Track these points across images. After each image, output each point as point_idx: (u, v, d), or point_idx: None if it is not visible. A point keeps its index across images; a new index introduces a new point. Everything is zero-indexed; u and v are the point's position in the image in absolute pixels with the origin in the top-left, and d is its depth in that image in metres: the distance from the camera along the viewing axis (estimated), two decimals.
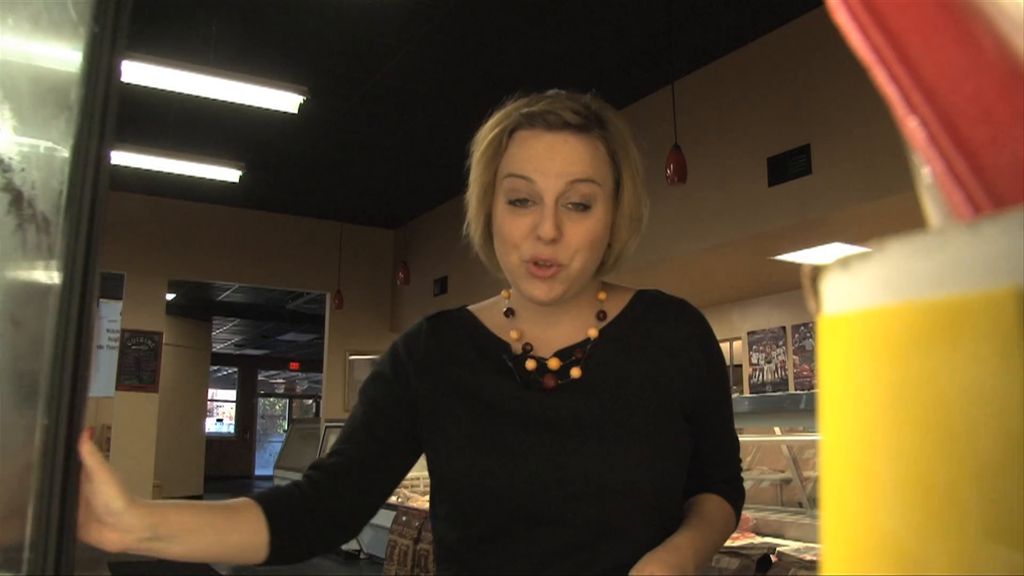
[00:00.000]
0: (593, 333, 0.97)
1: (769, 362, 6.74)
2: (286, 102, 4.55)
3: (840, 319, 0.16)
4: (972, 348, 0.14)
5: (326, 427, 7.04)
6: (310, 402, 20.81)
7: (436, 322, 1.04)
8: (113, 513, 0.76)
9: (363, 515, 0.97)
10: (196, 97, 4.59)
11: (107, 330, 7.74)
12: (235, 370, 17.48)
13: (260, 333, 14.40)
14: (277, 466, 8.50)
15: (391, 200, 7.77)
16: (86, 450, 0.76)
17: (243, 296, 11.03)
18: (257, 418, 18.28)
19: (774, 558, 2.32)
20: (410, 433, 0.98)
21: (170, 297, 9.06)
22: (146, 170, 5.64)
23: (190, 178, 5.98)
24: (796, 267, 5.00)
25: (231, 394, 18.31)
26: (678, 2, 4.23)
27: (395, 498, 4.44)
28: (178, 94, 4.61)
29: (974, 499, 0.14)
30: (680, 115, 4.51)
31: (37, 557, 0.69)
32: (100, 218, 0.76)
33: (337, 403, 8.49)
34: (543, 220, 0.89)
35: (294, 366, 17.88)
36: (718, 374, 0.99)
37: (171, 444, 10.00)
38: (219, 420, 19.29)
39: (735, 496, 1.03)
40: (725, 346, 7.16)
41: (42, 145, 0.69)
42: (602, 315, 1.00)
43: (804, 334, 6.30)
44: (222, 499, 0.90)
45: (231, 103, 4.57)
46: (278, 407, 21.81)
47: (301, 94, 4.48)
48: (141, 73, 4.12)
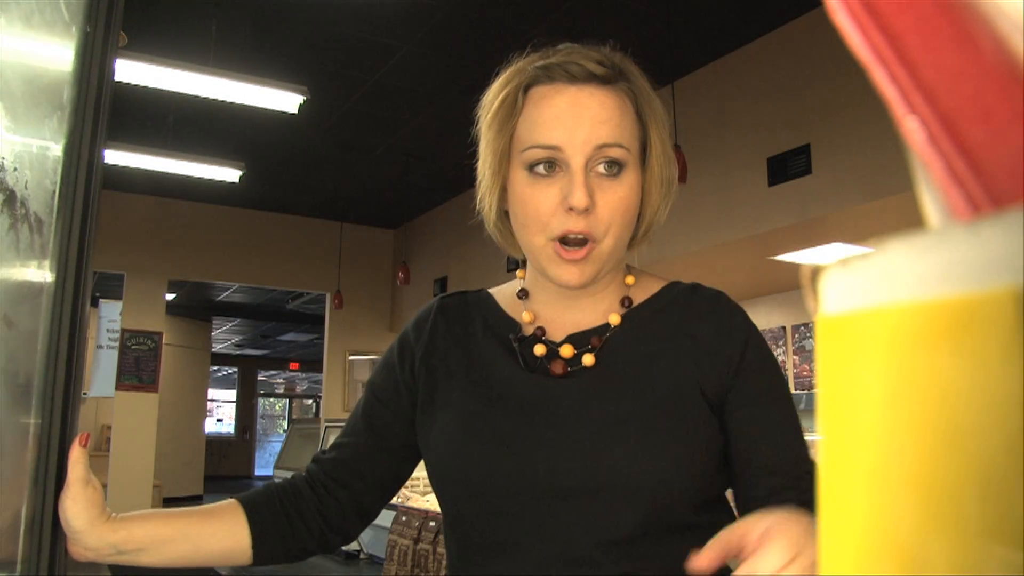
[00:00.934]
0: (615, 319, 0.86)
1: None
2: (286, 102, 4.55)
3: (840, 319, 0.16)
4: (972, 348, 0.14)
5: (326, 427, 7.03)
6: (310, 402, 20.80)
7: (448, 301, 0.95)
8: (73, 531, 0.76)
9: (358, 518, 0.93)
10: (196, 97, 4.59)
11: (107, 330, 7.73)
12: (235, 370, 17.47)
13: (260, 333, 14.39)
14: (277, 466, 8.48)
15: (391, 200, 7.76)
16: (73, 457, 0.76)
17: (243, 296, 11.03)
18: (257, 418, 18.27)
19: None
20: (409, 426, 0.91)
21: (170, 297, 9.06)
22: (146, 170, 5.63)
23: (190, 178, 5.97)
24: (796, 267, 5.00)
25: (231, 394, 18.30)
26: (678, 2, 4.23)
27: (395, 498, 4.43)
28: (178, 94, 4.60)
29: (974, 499, 0.14)
30: (680, 115, 4.51)
31: (31, 556, 0.69)
32: (93, 218, 0.76)
33: (337, 403, 8.48)
34: (573, 188, 0.78)
35: (294, 366, 17.87)
36: (757, 366, 0.83)
37: (171, 444, 9.99)
38: (219, 420, 19.28)
39: (810, 502, 0.74)
40: None
41: (35, 145, 0.69)
42: (627, 301, 0.88)
43: (804, 334, 6.30)
44: (221, 499, 0.89)
45: (231, 103, 4.56)
46: (278, 407, 21.80)
47: (301, 94, 4.48)
48: (141, 73, 4.11)
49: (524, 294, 0.91)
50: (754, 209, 4.52)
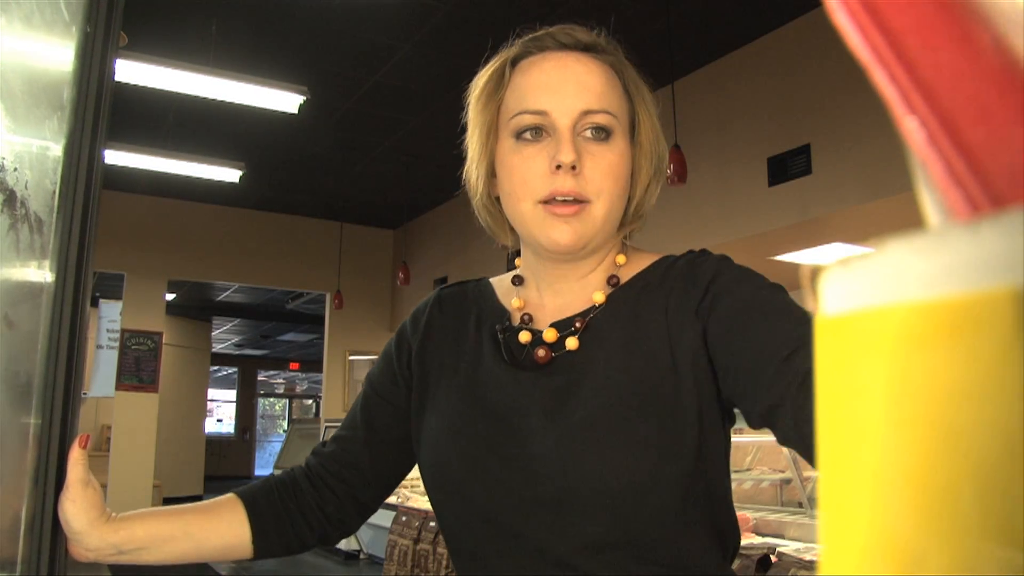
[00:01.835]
0: (599, 298, 0.81)
1: None
2: (286, 102, 4.55)
3: (839, 319, 0.16)
4: (972, 348, 0.14)
5: (326, 427, 7.04)
6: (310, 402, 20.80)
7: (446, 293, 0.94)
8: (73, 533, 0.76)
9: (357, 513, 0.92)
10: (196, 97, 4.59)
11: (107, 330, 7.73)
12: (235, 370, 17.48)
13: (260, 333, 14.39)
14: (277, 466, 8.49)
15: (391, 200, 7.76)
16: (73, 457, 0.76)
17: (243, 296, 11.03)
18: (257, 418, 18.28)
19: (774, 558, 2.32)
20: (407, 420, 0.89)
21: (170, 297, 9.06)
22: (146, 170, 5.64)
23: (190, 178, 5.98)
24: (796, 267, 5.00)
25: (231, 394, 18.31)
26: (678, 2, 4.23)
27: (395, 498, 4.44)
28: (178, 94, 4.60)
29: (974, 499, 0.14)
30: (680, 115, 4.51)
31: (31, 557, 0.69)
32: (93, 218, 0.76)
33: (337, 403, 8.49)
34: (560, 145, 0.76)
35: (294, 366, 17.88)
36: (726, 289, 0.74)
37: (171, 444, 9.99)
38: (219, 420, 19.29)
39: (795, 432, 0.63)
40: None
41: (35, 145, 0.69)
42: (614, 280, 0.83)
43: None
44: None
45: (231, 103, 4.56)
46: (278, 407, 21.81)
47: (301, 94, 4.48)
48: (141, 73, 4.12)
49: (519, 280, 0.89)
50: (754, 209, 4.52)
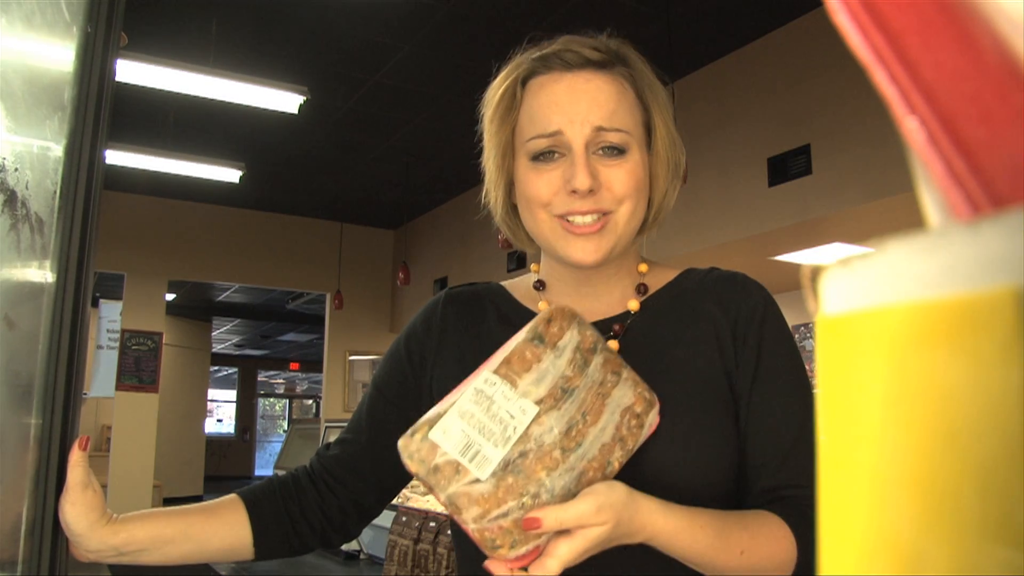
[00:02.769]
0: (634, 306, 0.85)
1: None
2: (286, 102, 4.55)
3: (839, 319, 0.16)
4: (972, 348, 0.14)
5: (326, 427, 7.04)
6: (310, 402, 20.80)
7: (457, 292, 0.94)
8: (73, 535, 0.76)
9: (359, 517, 0.92)
10: (196, 97, 4.59)
11: (107, 330, 7.73)
12: (235, 370, 17.48)
13: (260, 333, 14.39)
14: (277, 466, 8.48)
15: (391, 200, 7.77)
16: (73, 460, 0.76)
17: (243, 296, 11.03)
18: (257, 418, 18.27)
19: None
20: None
21: (170, 297, 9.06)
22: (146, 170, 5.63)
23: (190, 178, 5.98)
24: (796, 267, 5.00)
25: (231, 394, 18.30)
26: (678, 2, 4.23)
27: (395, 498, 4.42)
28: (178, 94, 4.60)
29: (974, 499, 0.14)
30: (680, 115, 4.51)
31: (32, 558, 0.69)
32: (94, 218, 0.76)
33: (337, 403, 8.48)
34: (575, 170, 0.77)
35: (294, 366, 17.87)
36: (767, 349, 0.80)
37: (171, 444, 9.99)
38: (219, 420, 19.29)
39: (794, 519, 0.73)
40: None
41: (36, 145, 0.69)
42: (643, 288, 0.87)
43: (804, 334, 6.30)
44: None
45: (231, 103, 4.56)
46: (278, 407, 21.81)
47: (301, 94, 4.48)
48: (141, 73, 4.11)
49: (540, 285, 0.90)
50: (754, 209, 4.52)
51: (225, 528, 0.85)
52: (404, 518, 3.94)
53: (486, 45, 4.73)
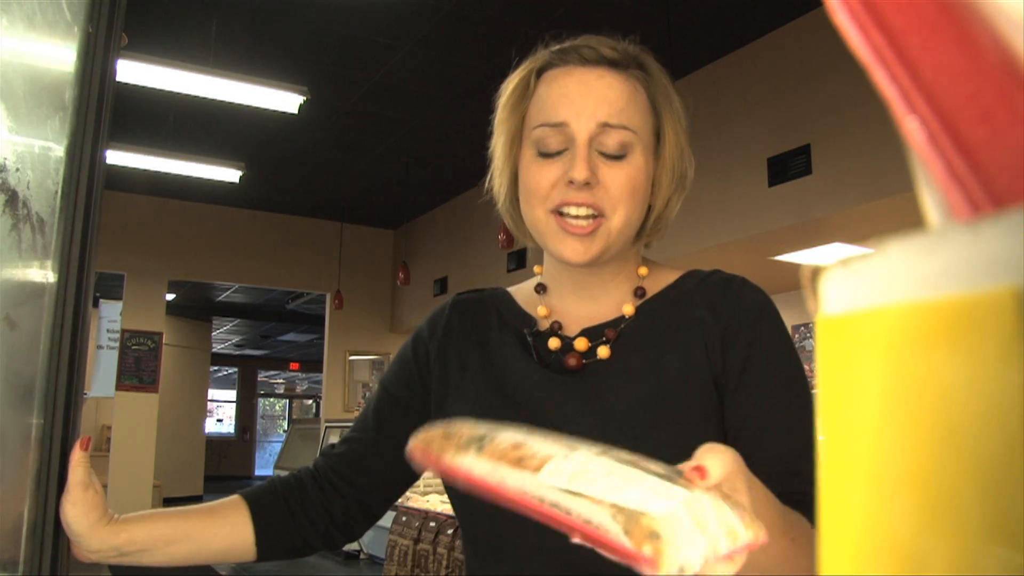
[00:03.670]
0: (629, 310, 0.84)
1: None
2: (286, 102, 4.55)
3: (839, 319, 0.16)
4: (972, 348, 0.14)
5: (326, 427, 7.04)
6: (310, 402, 20.80)
7: (464, 298, 0.95)
8: (74, 535, 0.76)
9: (363, 517, 0.92)
10: (196, 97, 4.59)
11: (107, 330, 7.73)
12: (235, 370, 17.48)
13: (260, 333, 14.39)
14: (277, 466, 8.49)
15: (391, 200, 7.76)
16: (74, 460, 0.76)
17: (243, 296, 11.03)
18: (257, 418, 18.27)
19: None
20: (420, 424, 0.86)
21: (170, 297, 9.06)
22: (146, 170, 5.64)
23: (190, 178, 5.98)
24: (796, 267, 5.00)
25: (231, 394, 18.31)
26: (678, 2, 4.23)
27: None
28: (178, 94, 4.60)
29: (974, 499, 0.14)
30: None
31: (33, 556, 0.69)
32: (95, 218, 0.76)
33: (337, 403, 8.48)
34: (574, 161, 0.78)
35: (294, 366, 17.87)
36: (760, 351, 0.79)
37: (171, 444, 9.99)
38: (219, 420, 19.29)
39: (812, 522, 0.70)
40: None
41: (37, 145, 0.69)
42: (640, 292, 0.87)
43: (804, 334, 6.30)
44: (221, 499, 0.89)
45: (231, 103, 4.56)
46: (278, 407, 21.81)
47: (301, 94, 4.48)
48: (141, 73, 4.12)
49: (542, 288, 0.90)
50: (754, 209, 4.52)
51: (227, 528, 0.84)
52: (404, 518, 3.94)
53: (486, 45, 4.73)
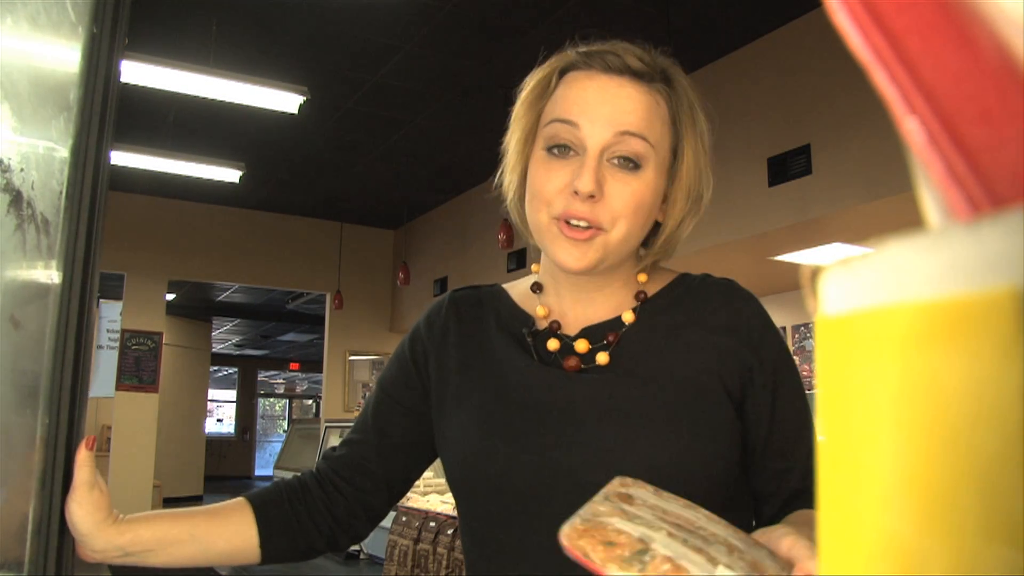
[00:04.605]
0: (629, 317, 0.84)
1: None
2: (286, 102, 4.55)
3: (839, 319, 0.16)
4: (972, 348, 0.14)
5: (326, 427, 7.04)
6: (310, 402, 20.79)
7: (461, 295, 0.94)
8: (80, 535, 0.76)
9: (367, 518, 0.92)
10: (196, 97, 4.59)
11: (107, 330, 7.69)
12: (235, 370, 17.47)
13: (260, 333, 14.39)
14: (277, 466, 8.49)
15: (391, 200, 7.76)
16: (80, 459, 0.76)
17: (243, 296, 11.02)
18: (257, 418, 18.26)
19: None
20: (420, 423, 0.90)
21: (170, 297, 9.06)
22: (146, 170, 5.64)
23: (190, 178, 5.98)
24: (796, 267, 5.00)
25: (231, 394, 18.30)
26: (678, 2, 4.23)
27: None
28: (178, 94, 4.60)
29: (974, 499, 0.14)
30: None
31: (38, 556, 0.69)
32: (100, 218, 0.76)
33: (337, 403, 8.48)
34: (582, 172, 0.76)
35: (294, 366, 17.87)
36: (772, 357, 0.82)
37: (171, 444, 9.99)
38: (219, 420, 19.28)
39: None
40: None
41: (41, 145, 0.69)
42: (641, 296, 0.87)
43: (804, 334, 6.30)
44: (222, 499, 0.89)
45: (231, 103, 4.56)
46: (278, 407, 21.80)
47: (301, 94, 4.48)
48: (141, 73, 4.12)
49: (538, 287, 0.90)
50: (754, 209, 4.52)
51: (231, 530, 0.84)
52: (404, 518, 3.94)
53: (486, 45, 4.73)
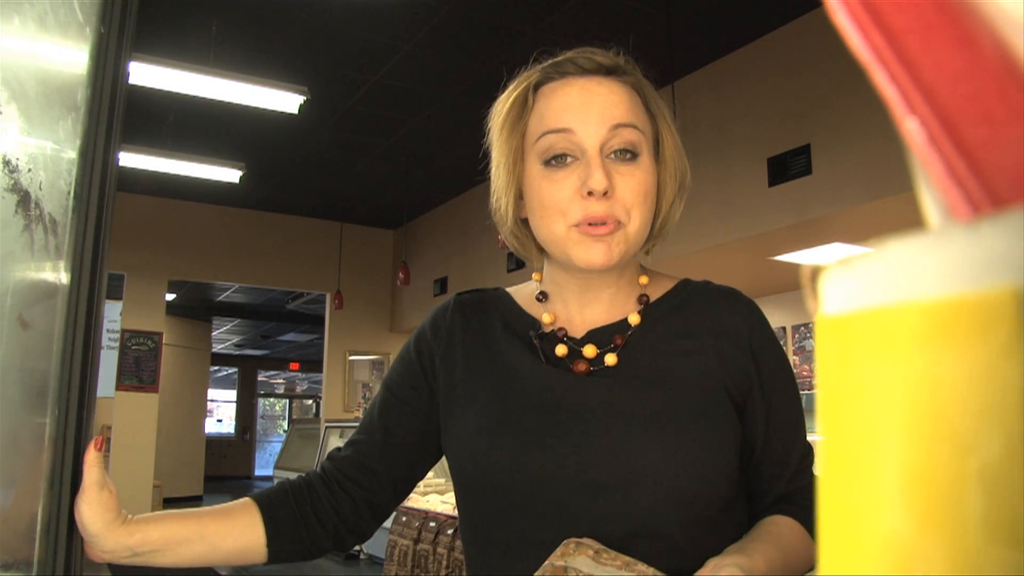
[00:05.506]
0: (635, 319, 0.86)
1: None
2: (286, 102, 4.55)
3: (839, 319, 0.16)
4: (972, 348, 0.14)
5: (326, 427, 7.04)
6: (310, 402, 20.79)
7: (465, 298, 0.95)
8: (89, 535, 0.76)
9: (373, 517, 0.92)
10: (196, 97, 4.59)
11: (107, 330, 7.72)
12: (235, 370, 17.47)
13: (260, 333, 14.38)
14: (277, 466, 8.49)
15: (391, 200, 7.76)
16: (89, 460, 0.76)
17: (243, 296, 11.02)
18: (257, 418, 18.26)
19: None
20: (425, 423, 0.91)
21: (170, 297, 9.06)
22: (146, 170, 5.63)
23: (190, 178, 5.98)
24: (796, 267, 5.00)
25: (231, 394, 18.30)
26: (678, 2, 4.23)
27: None
28: (178, 94, 4.60)
29: (974, 499, 0.14)
30: (680, 115, 4.50)
31: (47, 556, 0.69)
32: (108, 218, 0.76)
33: (337, 403, 8.48)
34: (591, 171, 0.77)
35: (294, 366, 17.87)
36: (770, 365, 0.85)
37: (171, 444, 9.99)
38: (219, 420, 19.28)
39: (803, 515, 0.84)
40: None
41: (49, 146, 0.69)
42: (644, 298, 0.89)
43: (804, 335, 6.30)
44: (222, 499, 0.89)
45: (231, 103, 4.56)
46: (278, 407, 21.80)
47: (301, 94, 4.48)
48: (141, 73, 4.12)
49: (543, 296, 0.91)
50: (754, 209, 4.52)
51: (239, 530, 0.85)
52: (404, 518, 3.94)
53: (486, 45, 4.73)
